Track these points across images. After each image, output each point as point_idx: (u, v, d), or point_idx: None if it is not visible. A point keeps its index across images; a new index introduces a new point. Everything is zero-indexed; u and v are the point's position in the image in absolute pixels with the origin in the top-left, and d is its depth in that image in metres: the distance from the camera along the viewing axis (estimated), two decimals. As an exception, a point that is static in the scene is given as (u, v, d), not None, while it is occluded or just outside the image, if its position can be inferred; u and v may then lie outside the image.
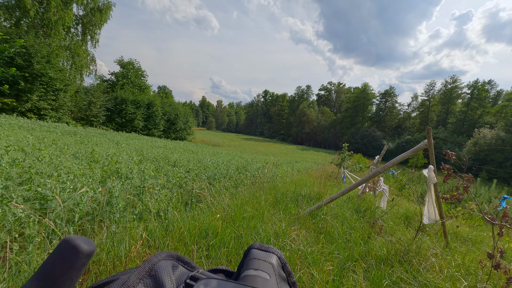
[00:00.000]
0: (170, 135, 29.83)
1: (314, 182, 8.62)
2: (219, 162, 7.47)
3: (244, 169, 6.76)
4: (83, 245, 0.33)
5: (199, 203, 4.03)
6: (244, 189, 5.22)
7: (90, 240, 0.35)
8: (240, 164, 7.57)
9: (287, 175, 10.41)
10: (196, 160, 7.71)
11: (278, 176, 8.30)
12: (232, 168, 6.40)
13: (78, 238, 0.33)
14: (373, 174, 3.77)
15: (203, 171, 5.59)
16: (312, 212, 4.05)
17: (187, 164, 6.35)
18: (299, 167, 16.15)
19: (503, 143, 44.77)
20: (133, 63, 32.37)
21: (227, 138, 71.87)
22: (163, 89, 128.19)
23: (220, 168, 6.12)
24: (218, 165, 6.41)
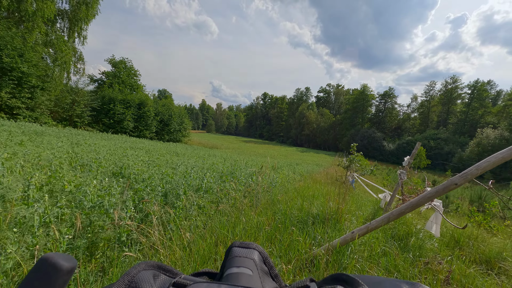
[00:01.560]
0: (164, 136, 28.25)
1: (323, 190, 7.09)
2: (201, 167, 5.91)
3: (231, 176, 5.20)
4: (63, 262, 0.31)
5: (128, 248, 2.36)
6: (229, 206, 3.68)
7: (70, 257, 0.34)
8: (226, 170, 5.95)
9: (289, 180, 8.89)
10: (170, 164, 6.14)
11: (277, 183, 6.78)
12: (214, 176, 4.83)
13: (57, 255, 0.32)
14: (446, 186, 2.24)
15: (162, 182, 3.91)
16: (333, 249, 2.53)
17: (146, 170, 4.72)
18: (301, 170, 14.65)
19: (507, 143, 43.51)
20: (125, 62, 30.89)
21: (226, 141, 70.51)
22: (163, 93, 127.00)
23: (190, 176, 4.46)
24: (187, 172, 4.67)
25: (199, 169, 5.55)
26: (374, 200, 7.96)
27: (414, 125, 75.14)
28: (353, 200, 6.45)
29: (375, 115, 79.38)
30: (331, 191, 7.73)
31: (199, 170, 5.33)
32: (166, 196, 3.21)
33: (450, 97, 66.60)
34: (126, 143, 12.23)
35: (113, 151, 7.16)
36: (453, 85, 66.31)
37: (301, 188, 6.86)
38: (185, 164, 6.21)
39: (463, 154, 49.50)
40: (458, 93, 65.79)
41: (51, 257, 0.31)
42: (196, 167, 5.71)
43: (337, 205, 4.03)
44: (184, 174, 4.44)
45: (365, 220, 4.37)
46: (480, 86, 61.87)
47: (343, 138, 77.24)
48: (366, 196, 9.24)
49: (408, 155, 5.86)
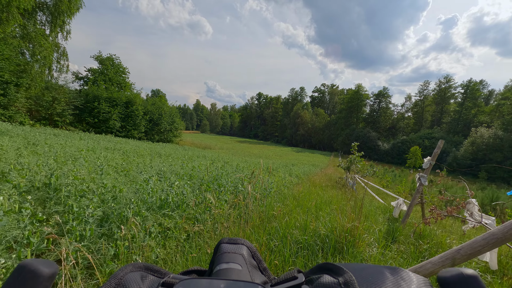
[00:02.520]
0: (153, 137, 26.99)
1: (326, 197, 6.15)
2: (178, 172, 4.89)
3: (216, 183, 4.20)
4: (42, 268, 0.31)
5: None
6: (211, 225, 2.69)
7: (50, 262, 0.33)
8: (209, 176, 4.82)
9: (285, 184, 7.93)
10: (141, 169, 5.08)
11: (272, 189, 5.82)
12: (193, 184, 3.81)
13: (36, 261, 0.32)
14: None
15: (105, 198, 2.76)
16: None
17: (93, 179, 3.57)
18: (297, 171, 13.74)
19: (501, 142, 43.57)
20: (112, 59, 29.52)
21: (220, 141, 69.38)
22: (157, 93, 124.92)
23: (150, 186, 3.37)
24: (142, 186, 3.38)
25: (172, 175, 4.51)
26: (381, 206, 7.08)
27: (408, 125, 75.36)
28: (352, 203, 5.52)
29: (370, 115, 79.28)
30: (334, 197, 6.82)
31: (171, 177, 4.28)
32: (107, 220, 2.19)
33: (444, 97, 66.93)
34: (105, 143, 11.06)
35: (64, 153, 5.84)
36: (447, 84, 66.67)
37: (301, 195, 5.91)
38: (157, 169, 5.13)
39: (457, 153, 49.43)
40: (452, 92, 66.16)
41: (29, 264, 0.30)
42: (169, 173, 4.69)
43: (351, 222, 3.07)
44: (143, 184, 3.33)
45: (385, 240, 3.42)
46: (473, 86, 62.27)
47: (338, 138, 76.94)
48: (369, 199, 8.36)
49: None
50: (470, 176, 44.61)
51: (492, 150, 43.52)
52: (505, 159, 41.56)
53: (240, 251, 0.45)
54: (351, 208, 3.85)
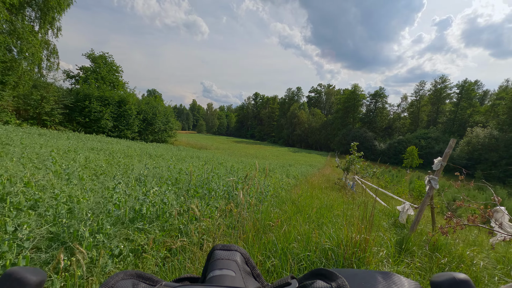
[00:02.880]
0: (147, 137, 26.35)
1: (327, 200, 5.73)
2: (160, 176, 4.41)
3: (206, 188, 3.74)
4: (29, 276, 0.30)
5: None
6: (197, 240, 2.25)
7: (38, 270, 0.33)
8: (198, 180, 4.29)
9: (282, 186, 7.51)
10: (122, 169, 4.60)
11: (269, 192, 5.38)
12: (178, 189, 3.35)
13: (23, 269, 0.31)
14: None
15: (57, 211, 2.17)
16: None
17: (52, 185, 3.02)
18: (295, 172, 13.33)
19: (497, 141, 43.73)
20: (105, 57, 28.82)
21: (216, 141, 68.81)
22: (153, 93, 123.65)
23: (112, 200, 2.75)
24: (110, 194, 2.82)
25: (154, 179, 4.02)
26: (383, 209, 6.69)
27: (404, 125, 75.60)
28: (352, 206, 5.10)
29: (366, 115, 79.35)
30: (335, 200, 6.41)
31: (152, 182, 3.78)
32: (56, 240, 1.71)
33: (439, 97, 67.24)
34: (93, 143, 10.49)
35: (37, 154, 5.25)
36: (442, 85, 67.00)
37: (300, 198, 5.48)
38: (139, 172, 4.63)
39: (453, 153, 49.52)
40: (447, 92, 66.49)
41: (16, 272, 0.30)
42: (152, 176, 4.22)
43: (360, 233, 2.64)
44: (112, 192, 2.80)
45: (398, 253, 3.01)
46: (468, 86, 62.64)
47: (334, 138, 76.85)
48: (370, 201, 7.98)
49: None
50: (466, 175, 44.76)
51: (488, 150, 43.66)
52: (500, 159, 41.71)
53: (233, 257, 0.45)
54: (357, 215, 3.43)
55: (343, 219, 3.59)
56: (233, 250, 0.47)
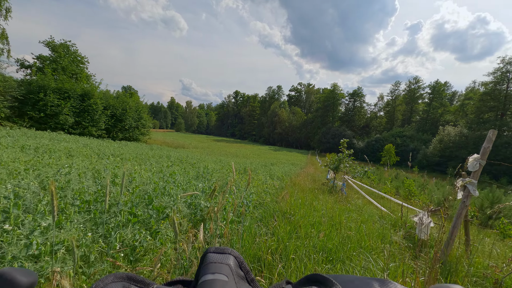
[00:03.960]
0: (116, 135, 23.89)
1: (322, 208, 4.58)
2: (77, 189, 2.95)
3: (152, 207, 2.38)
4: (20, 278, 0.30)
5: None
6: None
7: (30, 271, 0.32)
8: (141, 192, 2.87)
9: (267, 190, 6.28)
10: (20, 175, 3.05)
11: (252, 200, 4.12)
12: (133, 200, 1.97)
13: (15, 270, 0.31)
14: None
15: None
16: None
17: None
18: (278, 172, 12.20)
19: (466, 139, 45.98)
20: (67, 46, 25.81)
21: (195, 140, 66.32)
22: (128, 89, 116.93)
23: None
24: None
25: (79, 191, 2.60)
26: (378, 213, 5.71)
27: (381, 123, 77.99)
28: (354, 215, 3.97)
29: (345, 114, 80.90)
30: (333, 207, 5.30)
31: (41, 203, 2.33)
32: None
33: (413, 97, 70.05)
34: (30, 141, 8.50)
35: None
36: (416, 85, 69.87)
37: (291, 207, 4.26)
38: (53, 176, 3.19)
39: (427, 151, 51.53)
40: (420, 93, 69.45)
41: (7, 273, 0.30)
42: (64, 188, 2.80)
43: None
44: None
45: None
46: (439, 87, 65.86)
47: (314, 136, 77.53)
48: (367, 205, 7.02)
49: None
50: (439, 172, 46.70)
51: (458, 147, 45.77)
52: (470, 156, 43.83)
53: (226, 261, 0.43)
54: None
55: (378, 255, 2.39)
56: (227, 254, 0.44)
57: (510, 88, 43.36)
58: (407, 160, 53.25)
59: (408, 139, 57.88)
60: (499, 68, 43.76)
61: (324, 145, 70.31)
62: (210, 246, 0.48)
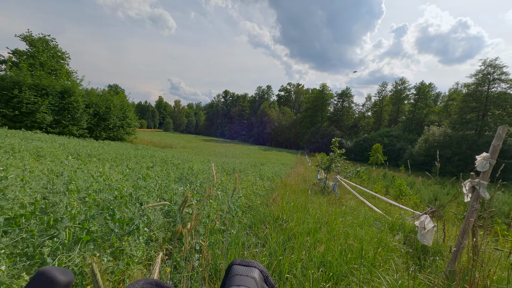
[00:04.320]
0: (100, 134, 22.81)
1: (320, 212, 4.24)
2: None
3: (111, 221, 1.95)
4: (59, 276, 0.32)
5: None
6: None
7: (67, 270, 0.34)
8: (104, 203, 2.40)
9: (257, 191, 5.89)
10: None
11: (240, 203, 3.72)
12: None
13: (54, 269, 0.33)
14: None
15: None
16: None
17: None
18: (268, 172, 11.85)
19: (450, 139, 47.33)
20: (47, 41, 24.48)
21: (184, 140, 65.08)
22: (114, 88, 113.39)
23: None
24: None
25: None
26: (374, 215, 5.46)
27: (368, 123, 79.35)
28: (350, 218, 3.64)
29: (334, 114, 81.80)
30: (326, 209, 4.97)
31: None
32: None
33: (399, 97, 71.71)
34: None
35: None
36: (402, 86, 71.55)
37: (283, 211, 3.88)
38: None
39: (412, 150, 52.71)
40: (406, 93, 71.18)
41: (48, 271, 0.32)
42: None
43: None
44: None
45: None
46: (424, 88, 67.72)
47: (304, 136, 77.94)
48: (356, 205, 6.78)
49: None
50: (424, 171, 47.91)
51: (443, 146, 47.02)
52: (454, 155, 45.14)
53: (252, 274, 0.42)
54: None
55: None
56: (252, 266, 0.43)
57: (491, 89, 44.96)
58: (394, 159, 54.41)
59: (395, 139, 59.08)
60: (481, 70, 45.29)
61: (313, 144, 70.83)
62: (236, 259, 0.47)
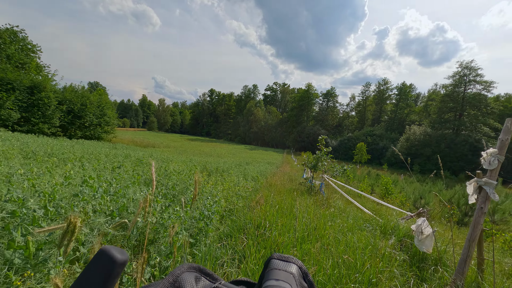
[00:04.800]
0: (75, 132, 21.38)
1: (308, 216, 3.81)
2: None
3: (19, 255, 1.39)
4: (117, 255, 0.34)
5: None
6: None
7: (123, 250, 0.37)
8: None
9: (239, 193, 5.40)
10: None
11: (217, 208, 3.21)
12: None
13: (113, 248, 0.35)
14: None
15: None
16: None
17: None
18: (253, 171, 11.39)
19: (430, 138, 49.00)
20: (15, 32, 22.67)
21: (168, 139, 63.34)
22: (95, 86, 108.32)
23: None
24: None
25: None
26: (363, 216, 5.14)
27: (352, 123, 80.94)
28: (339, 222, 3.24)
29: (319, 113, 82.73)
30: (311, 209, 4.56)
31: None
32: None
33: (382, 97, 73.67)
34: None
35: None
36: (384, 86, 73.53)
37: (265, 217, 3.41)
38: None
39: (395, 149, 54.20)
40: (388, 94, 73.25)
41: (108, 250, 0.34)
42: None
43: None
44: None
45: None
46: (405, 89, 69.97)
47: (290, 135, 78.26)
48: (344, 205, 6.46)
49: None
50: (406, 169, 49.37)
51: (423, 145, 48.62)
52: (433, 153, 46.75)
53: (290, 269, 0.42)
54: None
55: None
56: (290, 262, 0.43)
57: (467, 90, 46.95)
58: (377, 157, 55.74)
59: (378, 138, 60.50)
60: (458, 72, 47.18)
61: (299, 144, 71.27)
62: (274, 253, 0.46)
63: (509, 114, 55.39)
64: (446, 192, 13.71)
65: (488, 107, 44.58)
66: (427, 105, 62.06)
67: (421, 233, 3.10)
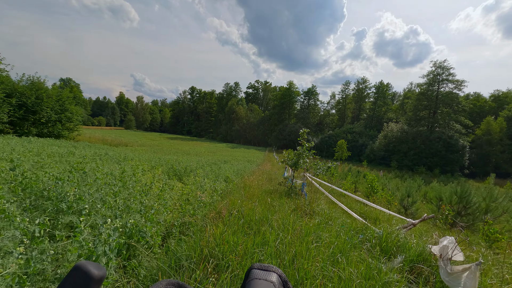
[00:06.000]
0: (29, 129, 18.90)
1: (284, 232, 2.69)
2: None
3: None
4: (94, 271, 0.33)
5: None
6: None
7: (100, 265, 0.36)
8: None
9: (200, 198, 4.19)
10: None
11: (116, 245, 2.01)
12: None
13: (89, 263, 0.34)
14: None
15: None
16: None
17: None
18: (228, 171, 10.19)
19: (406, 135, 50.34)
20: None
21: (146, 138, 60.18)
22: (67, 82, 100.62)
23: None
24: None
25: None
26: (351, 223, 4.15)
27: (333, 121, 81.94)
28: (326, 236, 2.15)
29: (300, 111, 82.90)
30: (290, 219, 3.46)
31: None
32: None
33: (361, 96, 75.20)
34: None
35: None
36: (363, 85, 75.09)
37: (221, 240, 2.24)
38: None
39: (373, 146, 55.27)
40: (367, 92, 74.93)
41: (84, 265, 0.33)
42: None
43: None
44: None
45: None
46: (382, 87, 71.88)
47: (272, 133, 77.73)
48: (329, 209, 5.49)
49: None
50: (384, 165, 50.44)
51: (400, 142, 49.84)
52: (409, 150, 48.05)
53: (270, 278, 0.42)
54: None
55: None
56: (271, 271, 0.44)
57: (440, 89, 48.69)
58: (357, 154, 56.55)
59: (358, 135, 61.44)
60: (432, 71, 48.76)
61: (281, 141, 70.86)
62: (254, 263, 0.47)
63: (477, 112, 58.53)
64: (428, 188, 13.39)
65: (459, 105, 46.42)
66: (403, 103, 64.00)
67: (449, 261, 2.08)
